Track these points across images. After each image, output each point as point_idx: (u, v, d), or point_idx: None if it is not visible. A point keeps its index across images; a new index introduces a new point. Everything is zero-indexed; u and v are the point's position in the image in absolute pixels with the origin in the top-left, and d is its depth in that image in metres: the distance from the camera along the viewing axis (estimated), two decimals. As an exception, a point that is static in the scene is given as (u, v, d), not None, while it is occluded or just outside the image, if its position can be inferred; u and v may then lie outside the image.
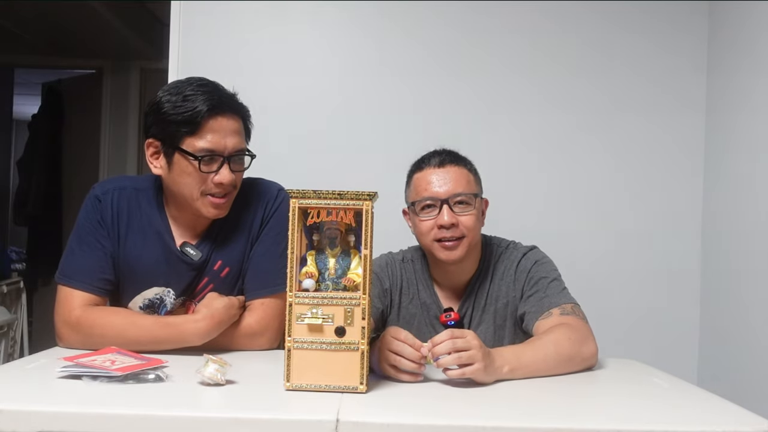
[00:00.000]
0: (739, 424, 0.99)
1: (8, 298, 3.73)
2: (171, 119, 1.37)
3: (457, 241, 1.50)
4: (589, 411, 1.13)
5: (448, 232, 1.49)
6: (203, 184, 1.39)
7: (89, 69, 4.90)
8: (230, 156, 1.40)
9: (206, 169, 1.38)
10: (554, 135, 2.39)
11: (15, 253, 5.29)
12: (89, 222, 1.46)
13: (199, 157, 1.37)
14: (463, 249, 1.51)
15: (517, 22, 2.39)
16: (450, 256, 1.51)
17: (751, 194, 2.06)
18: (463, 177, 1.53)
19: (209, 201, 1.41)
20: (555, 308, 1.44)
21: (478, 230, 1.54)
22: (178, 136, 1.37)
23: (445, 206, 1.49)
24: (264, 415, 0.98)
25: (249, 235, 1.49)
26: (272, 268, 1.44)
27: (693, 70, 2.38)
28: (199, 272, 1.47)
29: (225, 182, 1.39)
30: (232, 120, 1.40)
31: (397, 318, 1.60)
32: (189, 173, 1.39)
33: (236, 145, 1.40)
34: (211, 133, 1.37)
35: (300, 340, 1.10)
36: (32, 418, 0.95)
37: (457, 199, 1.50)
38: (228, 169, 1.39)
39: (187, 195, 1.41)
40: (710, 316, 2.30)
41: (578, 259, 2.28)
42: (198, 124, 1.36)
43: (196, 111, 1.35)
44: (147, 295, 1.46)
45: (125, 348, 1.27)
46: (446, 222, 1.48)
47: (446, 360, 1.15)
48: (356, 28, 2.42)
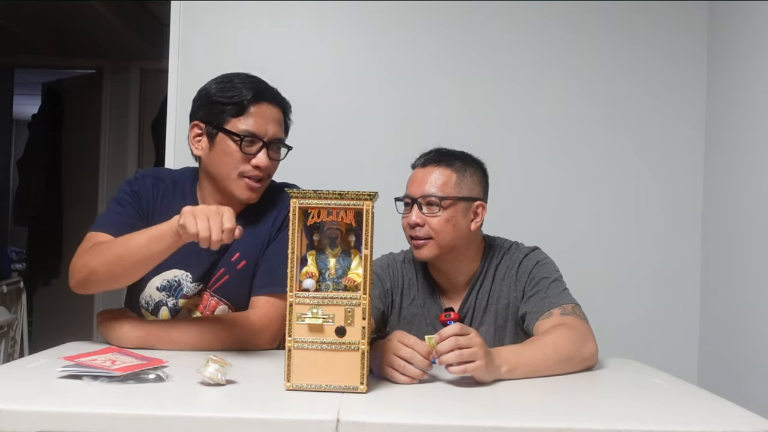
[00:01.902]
0: (739, 424, 0.99)
1: (8, 298, 3.73)
2: (219, 101, 1.45)
3: (424, 240, 1.52)
4: (589, 411, 1.13)
5: (415, 231, 1.52)
6: (242, 165, 1.45)
7: (89, 69, 4.90)
8: (270, 142, 1.47)
9: (247, 150, 1.44)
10: (554, 135, 2.39)
11: (15, 253, 5.29)
12: (126, 192, 1.53)
13: (242, 136, 1.44)
14: (431, 249, 1.52)
15: (517, 24, 2.39)
16: (418, 255, 1.54)
17: (751, 194, 2.06)
18: (440, 179, 1.52)
19: (246, 183, 1.46)
20: (555, 308, 1.44)
21: (449, 233, 1.51)
22: (223, 117, 1.45)
23: (415, 206, 1.52)
24: (264, 415, 0.98)
25: (269, 231, 1.52)
26: (282, 268, 1.45)
27: (693, 70, 2.38)
28: (217, 259, 1.50)
29: (262, 165, 1.45)
30: (274, 109, 1.49)
31: (398, 319, 1.60)
32: (230, 153, 1.45)
33: (276, 133, 1.48)
34: (255, 118, 1.45)
35: (300, 340, 1.10)
36: (32, 418, 0.95)
37: (427, 200, 1.52)
38: (266, 154, 1.46)
39: (225, 175, 1.46)
40: (710, 316, 2.31)
41: (578, 260, 2.28)
42: (244, 107, 1.44)
43: (243, 95, 1.45)
44: (166, 276, 1.49)
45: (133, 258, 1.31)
46: (412, 221, 1.52)
47: (448, 357, 1.16)
48: (357, 29, 2.42)
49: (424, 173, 1.54)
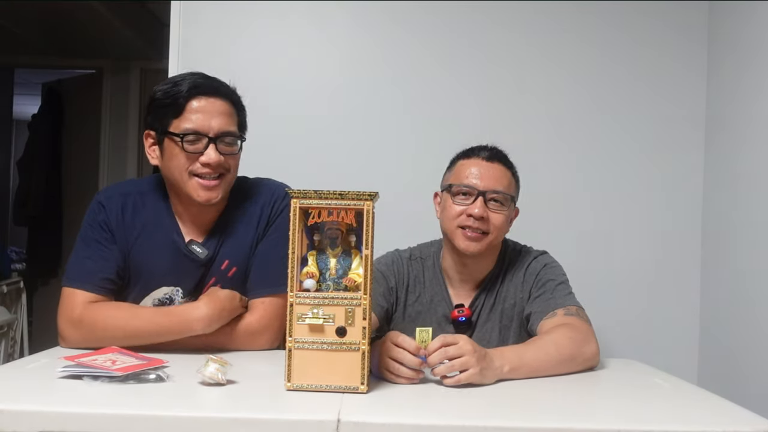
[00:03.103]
0: (739, 424, 0.99)
1: (8, 298, 3.73)
2: (160, 105, 1.41)
3: (481, 234, 1.52)
4: (589, 411, 1.13)
5: (475, 223, 1.51)
6: (190, 165, 1.39)
7: (89, 69, 4.89)
8: (217, 137, 1.40)
9: (191, 149, 1.39)
10: (553, 134, 2.38)
11: (15, 253, 5.29)
12: (92, 226, 1.47)
13: (182, 135, 1.38)
14: (484, 245, 1.52)
15: (516, 21, 2.39)
16: (468, 247, 1.52)
17: (751, 194, 2.06)
18: (506, 177, 1.56)
19: (197, 183, 1.40)
20: (560, 309, 1.45)
21: (503, 232, 1.56)
22: (165, 121, 1.40)
23: (481, 198, 1.51)
24: (264, 415, 0.98)
25: (255, 233, 1.49)
26: (275, 268, 1.44)
27: (693, 69, 2.37)
28: (206, 270, 1.47)
29: (211, 162, 1.39)
30: (218, 102, 1.41)
31: (403, 316, 1.60)
32: (176, 155, 1.40)
33: (222, 126, 1.41)
34: (195, 114, 1.39)
35: (301, 340, 1.10)
36: (32, 418, 0.95)
37: (494, 196, 1.52)
38: (215, 150, 1.39)
39: (178, 178, 1.41)
40: (710, 316, 2.30)
41: (578, 259, 2.26)
42: (181, 105, 1.39)
43: (179, 93, 1.39)
44: (156, 295, 1.46)
45: (129, 342, 1.27)
46: (477, 213, 1.50)
47: (440, 369, 1.16)
48: (358, 28, 2.42)
49: (490, 168, 1.54)
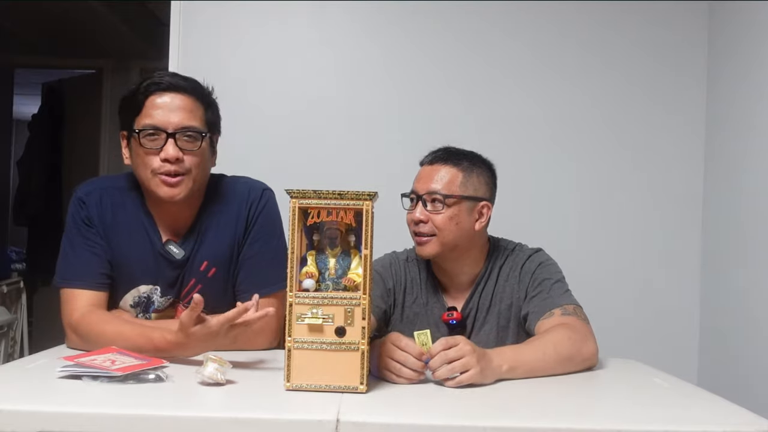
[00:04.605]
0: (739, 424, 0.99)
1: (8, 298, 3.73)
2: (125, 104, 1.42)
3: (427, 237, 1.51)
4: (589, 411, 1.13)
5: (418, 228, 1.52)
6: (152, 162, 1.38)
7: (89, 69, 4.89)
8: (175, 132, 1.38)
9: (150, 145, 1.37)
10: (554, 136, 2.39)
11: (15, 253, 5.29)
12: (76, 223, 1.46)
13: (138, 131, 1.37)
14: (433, 247, 1.52)
15: (516, 25, 2.39)
16: (420, 251, 1.54)
17: (751, 194, 2.06)
18: (446, 177, 1.52)
19: (160, 179, 1.38)
20: (557, 309, 1.44)
21: (452, 231, 1.51)
22: (129, 120, 1.40)
23: (419, 202, 1.52)
24: (264, 415, 0.98)
25: (234, 234, 1.47)
26: (265, 268, 1.45)
27: (693, 70, 2.38)
28: (183, 271, 1.46)
29: (170, 158, 1.36)
30: (178, 97, 1.40)
31: (401, 318, 1.60)
32: (140, 154, 1.39)
33: (182, 121, 1.38)
34: (154, 110, 1.38)
35: (300, 340, 1.10)
36: (32, 418, 0.95)
37: (431, 197, 1.51)
38: (173, 145, 1.37)
39: (143, 176, 1.41)
40: (710, 315, 2.30)
41: (578, 259, 2.27)
42: (140, 102, 1.38)
43: (139, 90, 1.39)
44: (135, 293, 1.46)
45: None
46: (416, 217, 1.52)
47: (441, 373, 1.16)
48: (358, 29, 2.42)
49: (430, 170, 1.54)
